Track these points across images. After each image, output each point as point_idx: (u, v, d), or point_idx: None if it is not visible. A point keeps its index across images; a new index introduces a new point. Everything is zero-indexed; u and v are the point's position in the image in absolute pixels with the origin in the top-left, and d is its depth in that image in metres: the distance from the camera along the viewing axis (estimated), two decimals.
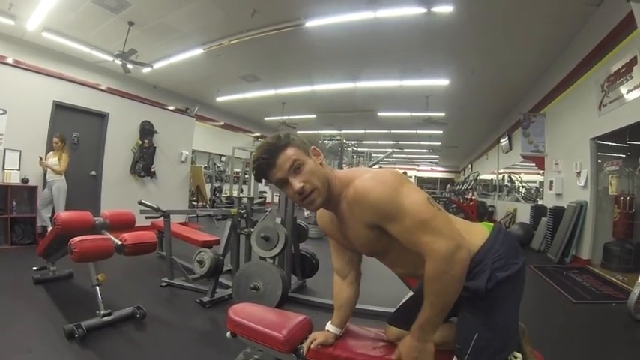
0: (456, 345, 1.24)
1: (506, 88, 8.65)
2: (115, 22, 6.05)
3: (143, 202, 3.87)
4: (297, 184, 1.18)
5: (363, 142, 16.57)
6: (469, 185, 13.17)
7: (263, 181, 1.47)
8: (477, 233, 1.27)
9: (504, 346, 1.23)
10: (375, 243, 1.25)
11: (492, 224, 1.35)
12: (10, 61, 5.88)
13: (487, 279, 1.16)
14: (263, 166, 1.21)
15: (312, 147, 1.26)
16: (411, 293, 1.52)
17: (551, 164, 7.30)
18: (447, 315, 1.40)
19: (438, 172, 25.75)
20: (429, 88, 8.67)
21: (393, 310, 1.56)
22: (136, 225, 3.45)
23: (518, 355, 1.29)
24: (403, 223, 1.11)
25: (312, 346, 1.40)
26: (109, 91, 7.43)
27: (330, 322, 1.48)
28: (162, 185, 7.64)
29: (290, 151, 1.19)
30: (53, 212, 5.07)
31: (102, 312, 2.67)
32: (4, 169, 5.22)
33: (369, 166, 11.73)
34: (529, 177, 13.21)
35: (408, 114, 11.01)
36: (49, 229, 4.12)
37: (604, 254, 5.32)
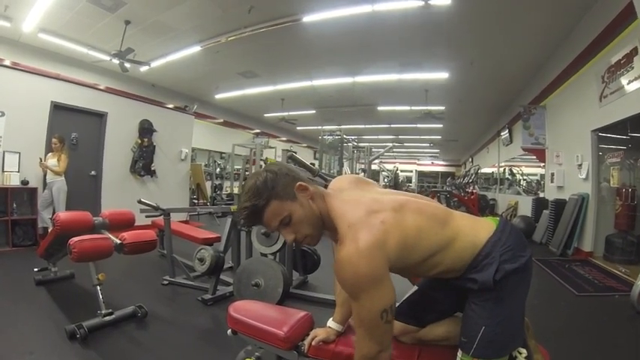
0: (461, 339, 1.23)
1: (505, 80, 8.61)
2: (111, 22, 6.01)
3: (142, 200, 3.86)
4: (289, 237, 1.19)
5: (364, 136, 16.55)
6: (470, 179, 13.13)
7: None
8: (484, 227, 1.26)
9: (511, 340, 1.22)
10: None
11: (498, 218, 1.33)
12: (7, 63, 5.86)
13: (495, 271, 1.15)
14: (250, 223, 1.20)
15: (298, 184, 1.18)
16: (415, 288, 1.51)
17: (552, 156, 7.27)
18: (452, 310, 1.39)
19: (439, 166, 25.70)
20: (428, 81, 8.64)
21: (396, 305, 1.54)
22: (137, 224, 3.44)
23: (524, 350, 1.28)
24: (354, 308, 1.13)
25: (313, 343, 1.40)
26: (107, 90, 7.42)
27: (331, 318, 1.48)
28: (163, 183, 7.64)
29: (273, 208, 1.14)
30: (54, 213, 5.05)
31: (103, 312, 2.67)
32: (3, 171, 5.21)
33: (369, 162, 11.74)
34: (530, 170, 13.18)
35: (407, 108, 10.99)
36: (50, 230, 4.11)
37: (606, 246, 5.31)
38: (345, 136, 10.77)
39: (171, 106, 9.18)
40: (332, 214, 1.18)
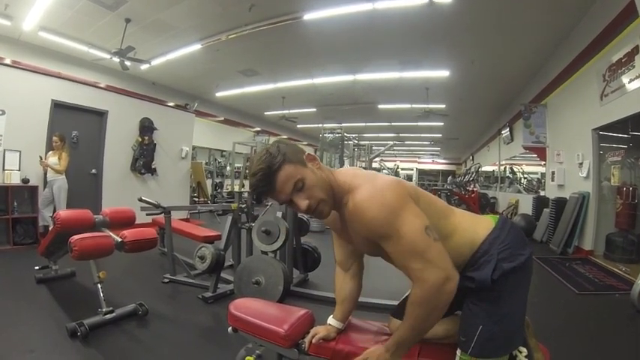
0: (460, 337, 1.23)
1: (506, 78, 8.59)
2: (112, 20, 5.99)
3: (143, 198, 3.87)
4: (302, 203, 1.16)
5: (364, 134, 16.52)
6: (470, 177, 13.12)
7: None
8: (483, 224, 1.26)
9: (510, 339, 1.22)
10: (376, 250, 1.22)
11: (498, 216, 1.33)
12: (7, 61, 5.85)
13: (493, 269, 1.15)
14: (262, 192, 1.17)
15: (306, 153, 1.21)
16: None
17: (552, 155, 7.27)
18: (452, 308, 1.39)
19: (440, 164, 25.69)
20: (428, 79, 8.62)
21: (396, 302, 1.54)
22: (138, 222, 3.44)
23: (524, 349, 1.28)
24: (396, 246, 1.10)
25: (313, 340, 1.40)
26: (108, 88, 7.43)
27: (331, 316, 1.48)
28: (163, 182, 7.64)
29: (287, 171, 1.13)
30: (54, 211, 5.05)
31: (104, 310, 2.67)
32: (4, 169, 5.22)
33: (370, 160, 11.73)
34: (531, 168, 13.17)
35: (408, 106, 10.96)
36: (51, 228, 4.12)
37: (607, 245, 5.30)
38: (345, 134, 10.76)
39: (171, 104, 9.19)
40: (340, 182, 1.21)
